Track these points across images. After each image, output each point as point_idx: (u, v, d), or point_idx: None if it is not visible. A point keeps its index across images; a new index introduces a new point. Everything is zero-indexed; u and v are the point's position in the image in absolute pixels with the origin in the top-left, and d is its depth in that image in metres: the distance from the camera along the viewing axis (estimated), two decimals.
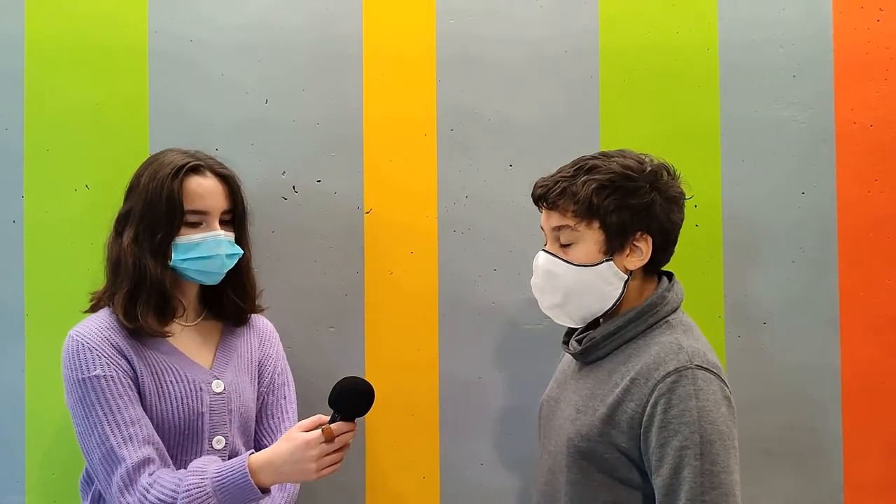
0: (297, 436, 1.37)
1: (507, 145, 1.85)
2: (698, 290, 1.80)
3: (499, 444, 1.84)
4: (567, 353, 1.50)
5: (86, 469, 1.49)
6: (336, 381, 1.39)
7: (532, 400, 1.81)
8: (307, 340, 1.83)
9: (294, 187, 1.84)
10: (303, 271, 1.83)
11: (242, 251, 1.55)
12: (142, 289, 1.44)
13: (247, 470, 1.35)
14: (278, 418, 1.60)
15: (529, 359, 1.83)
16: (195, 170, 1.49)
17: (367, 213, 1.85)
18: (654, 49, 1.86)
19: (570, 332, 1.51)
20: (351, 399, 1.37)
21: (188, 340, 1.52)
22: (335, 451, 1.36)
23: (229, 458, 1.49)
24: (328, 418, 1.37)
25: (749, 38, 1.86)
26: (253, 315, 1.64)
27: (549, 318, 1.46)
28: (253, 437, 1.59)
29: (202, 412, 1.47)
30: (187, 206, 1.46)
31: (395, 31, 1.85)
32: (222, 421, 1.49)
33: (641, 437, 1.29)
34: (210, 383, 1.49)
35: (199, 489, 1.34)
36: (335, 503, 1.83)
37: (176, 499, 1.34)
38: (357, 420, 1.40)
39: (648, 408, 1.27)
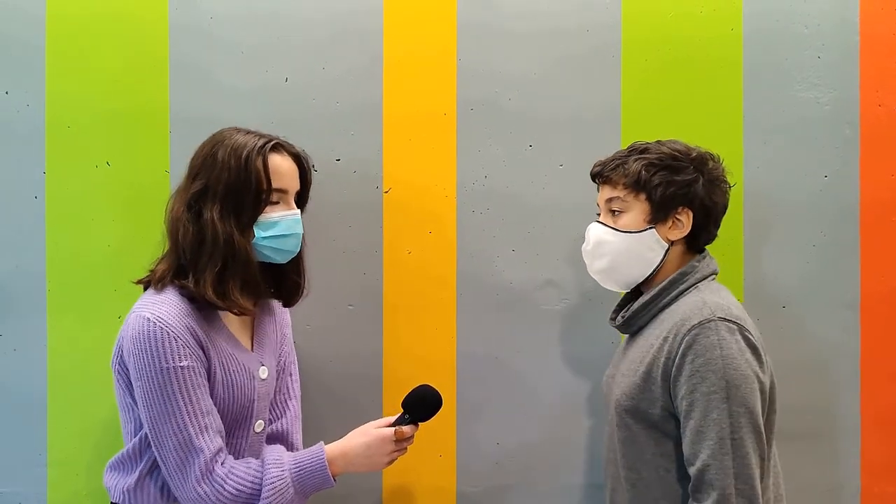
0: (373, 432, 1.48)
1: (527, 125, 1.84)
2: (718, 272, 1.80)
3: (515, 423, 1.85)
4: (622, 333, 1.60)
5: (130, 448, 1.44)
6: (413, 387, 1.53)
7: (549, 380, 1.82)
8: (325, 319, 1.83)
9: (313, 166, 1.83)
10: (321, 250, 1.83)
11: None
12: (232, 266, 1.42)
13: (325, 461, 1.43)
14: (284, 395, 1.63)
15: (546, 339, 1.83)
16: (275, 148, 1.48)
17: (386, 192, 1.84)
18: (677, 28, 1.84)
19: (617, 311, 1.62)
20: (425, 406, 1.52)
21: (234, 321, 1.51)
22: (399, 450, 1.51)
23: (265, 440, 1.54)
24: (394, 419, 1.50)
25: (774, 17, 1.84)
26: None
27: (569, 298, 1.47)
28: None
29: (253, 399, 1.49)
30: (273, 185, 1.45)
31: (415, 9, 1.84)
32: (264, 406, 1.52)
33: (671, 386, 1.41)
34: (258, 370, 1.50)
35: (280, 480, 1.40)
36: (352, 480, 1.84)
37: (259, 490, 1.39)
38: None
39: (677, 359, 1.40)
